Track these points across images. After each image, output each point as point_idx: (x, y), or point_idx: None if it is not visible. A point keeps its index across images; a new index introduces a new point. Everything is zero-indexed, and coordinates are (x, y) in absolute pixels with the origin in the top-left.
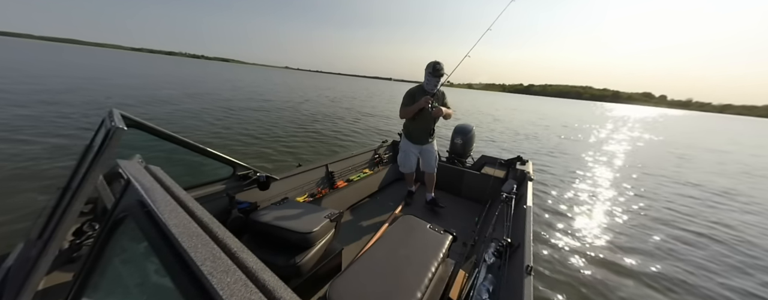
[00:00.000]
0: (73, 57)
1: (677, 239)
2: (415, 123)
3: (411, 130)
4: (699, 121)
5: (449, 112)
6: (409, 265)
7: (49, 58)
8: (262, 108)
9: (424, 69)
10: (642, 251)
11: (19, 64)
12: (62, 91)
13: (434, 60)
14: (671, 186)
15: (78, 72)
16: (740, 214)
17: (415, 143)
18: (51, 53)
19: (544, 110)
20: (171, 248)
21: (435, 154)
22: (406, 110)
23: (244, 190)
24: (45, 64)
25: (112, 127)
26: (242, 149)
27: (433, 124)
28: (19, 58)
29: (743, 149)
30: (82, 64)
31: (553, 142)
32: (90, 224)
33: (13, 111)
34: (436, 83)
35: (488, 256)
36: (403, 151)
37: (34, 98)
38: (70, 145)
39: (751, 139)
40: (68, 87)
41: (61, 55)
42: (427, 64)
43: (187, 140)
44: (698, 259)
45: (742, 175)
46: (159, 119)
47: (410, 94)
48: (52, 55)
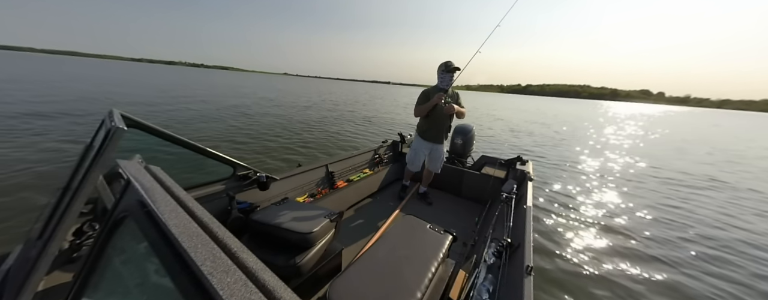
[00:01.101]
0: (82, 69)
1: (677, 239)
2: (429, 121)
3: (425, 128)
4: (699, 118)
5: (462, 111)
6: (409, 265)
7: (60, 70)
8: (280, 114)
9: (437, 69)
10: (643, 251)
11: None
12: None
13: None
14: (671, 185)
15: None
16: (739, 209)
17: (429, 141)
18: (58, 65)
19: (541, 109)
20: (171, 248)
21: (443, 155)
22: (420, 108)
23: (244, 190)
24: (60, 76)
25: (112, 127)
26: (272, 149)
27: (447, 123)
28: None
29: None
30: (96, 77)
31: (553, 142)
32: (90, 224)
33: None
34: (449, 79)
35: (488, 256)
36: (413, 149)
37: (53, 108)
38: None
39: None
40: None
41: (66, 66)
42: (439, 65)
43: (187, 140)
44: (698, 259)
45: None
46: (176, 123)
47: (425, 94)
48: (63, 67)
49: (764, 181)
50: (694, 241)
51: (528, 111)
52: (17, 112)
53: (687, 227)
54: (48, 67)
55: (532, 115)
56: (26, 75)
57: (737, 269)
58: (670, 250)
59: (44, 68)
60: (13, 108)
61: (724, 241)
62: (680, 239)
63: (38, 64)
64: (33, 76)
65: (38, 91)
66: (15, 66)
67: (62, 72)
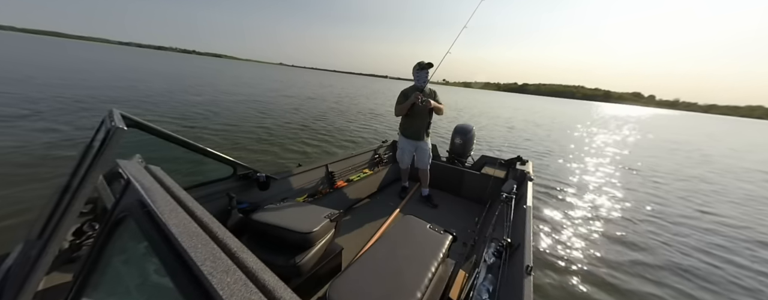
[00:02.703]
0: (86, 54)
1: (678, 240)
2: (409, 120)
3: (406, 126)
4: (689, 121)
5: (439, 107)
6: (409, 265)
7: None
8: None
9: (412, 69)
10: (643, 251)
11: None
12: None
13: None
14: (671, 184)
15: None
16: (733, 207)
17: (411, 139)
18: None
19: (537, 109)
20: (171, 248)
21: (429, 151)
22: (400, 108)
23: (244, 190)
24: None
25: (112, 127)
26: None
27: (427, 120)
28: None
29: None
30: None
31: (553, 141)
32: (90, 224)
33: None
34: (425, 76)
35: (488, 256)
36: (400, 148)
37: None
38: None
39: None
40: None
41: (79, 52)
42: (414, 65)
43: (187, 140)
44: (699, 260)
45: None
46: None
47: (403, 94)
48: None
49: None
50: (694, 241)
51: (524, 109)
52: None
53: (689, 225)
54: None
55: (526, 113)
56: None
57: (739, 270)
58: (671, 250)
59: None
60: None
61: (719, 233)
62: (681, 240)
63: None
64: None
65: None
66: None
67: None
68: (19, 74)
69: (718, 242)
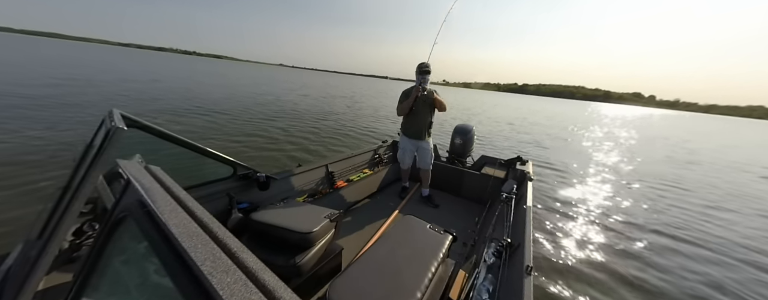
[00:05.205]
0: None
1: (678, 239)
2: (411, 119)
3: (408, 126)
4: (689, 122)
5: (441, 101)
6: (409, 266)
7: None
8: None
9: (415, 71)
10: (643, 251)
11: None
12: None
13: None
14: (671, 184)
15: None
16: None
17: (412, 138)
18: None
19: (537, 109)
20: (171, 248)
21: (430, 152)
22: (402, 106)
23: (244, 190)
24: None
25: (112, 127)
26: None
27: (428, 119)
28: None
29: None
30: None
31: (552, 142)
32: (90, 224)
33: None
34: (422, 80)
35: (488, 256)
36: (401, 147)
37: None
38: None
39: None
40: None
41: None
42: (416, 66)
43: (187, 140)
44: (699, 260)
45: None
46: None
47: (405, 93)
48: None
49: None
50: (693, 242)
51: (522, 109)
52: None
53: (688, 225)
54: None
55: (524, 113)
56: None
57: (740, 269)
58: (670, 250)
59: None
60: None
61: (724, 240)
62: (681, 239)
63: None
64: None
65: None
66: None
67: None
68: (19, 74)
69: (718, 241)
